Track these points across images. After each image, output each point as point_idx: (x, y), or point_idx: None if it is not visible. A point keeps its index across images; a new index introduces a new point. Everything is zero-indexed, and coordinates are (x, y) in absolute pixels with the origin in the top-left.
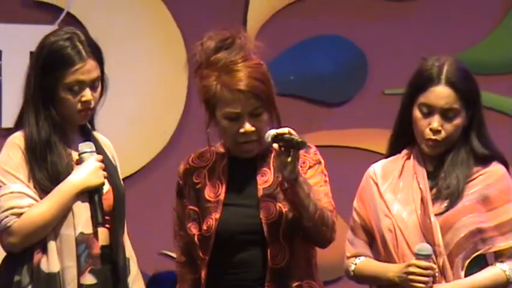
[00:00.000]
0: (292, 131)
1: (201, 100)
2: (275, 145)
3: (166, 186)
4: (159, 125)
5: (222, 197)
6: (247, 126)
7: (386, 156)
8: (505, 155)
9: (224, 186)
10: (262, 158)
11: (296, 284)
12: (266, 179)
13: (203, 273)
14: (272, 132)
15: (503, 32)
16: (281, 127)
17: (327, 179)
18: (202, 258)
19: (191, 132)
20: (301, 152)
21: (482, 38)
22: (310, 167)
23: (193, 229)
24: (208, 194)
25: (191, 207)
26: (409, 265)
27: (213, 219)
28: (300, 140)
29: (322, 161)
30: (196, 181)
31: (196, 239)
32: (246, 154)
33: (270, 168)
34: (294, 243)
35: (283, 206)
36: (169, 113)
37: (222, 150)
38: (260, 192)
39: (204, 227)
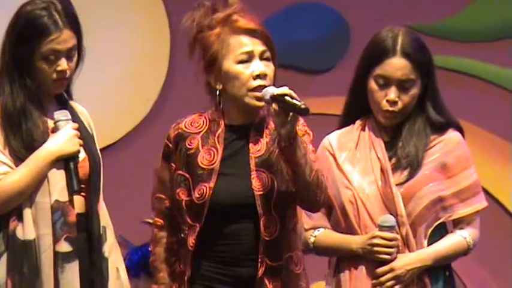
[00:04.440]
0: (293, 93)
1: (203, 66)
2: (274, 106)
3: (148, 154)
4: (141, 92)
5: (216, 165)
6: (261, 66)
7: (339, 128)
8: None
9: (219, 154)
10: (256, 127)
11: (287, 255)
12: (259, 147)
13: (191, 240)
14: (271, 90)
15: None
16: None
17: (314, 149)
18: (192, 225)
19: (174, 100)
20: None
21: (468, 4)
22: None
23: (182, 195)
24: (201, 160)
25: (180, 172)
26: (373, 237)
27: (207, 187)
28: (303, 106)
29: (310, 133)
30: (189, 147)
31: (184, 204)
32: (258, 101)
33: (263, 137)
34: (285, 214)
35: (275, 177)
36: (151, 81)
37: (215, 117)
38: (252, 162)
39: (196, 194)
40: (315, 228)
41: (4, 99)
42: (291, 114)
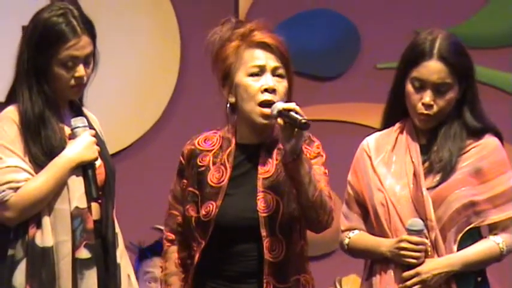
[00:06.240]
0: (298, 109)
1: (219, 77)
2: (279, 120)
3: (159, 161)
4: (152, 98)
5: (224, 184)
6: (270, 81)
7: (380, 130)
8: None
9: (228, 173)
10: (267, 147)
11: (294, 278)
12: (267, 169)
13: (197, 257)
14: (279, 105)
15: (497, 5)
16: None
17: (327, 171)
18: (199, 242)
19: (184, 106)
20: (304, 144)
21: (476, 11)
22: (310, 159)
23: (191, 211)
24: (211, 178)
25: (191, 189)
26: (401, 240)
27: (213, 205)
28: (303, 121)
29: (324, 155)
30: (200, 164)
31: (193, 221)
32: (264, 119)
33: (272, 159)
34: (291, 237)
35: (281, 199)
36: (162, 87)
37: (228, 135)
38: (259, 183)
39: (203, 212)
40: (350, 230)
41: (24, 106)
42: (296, 129)
